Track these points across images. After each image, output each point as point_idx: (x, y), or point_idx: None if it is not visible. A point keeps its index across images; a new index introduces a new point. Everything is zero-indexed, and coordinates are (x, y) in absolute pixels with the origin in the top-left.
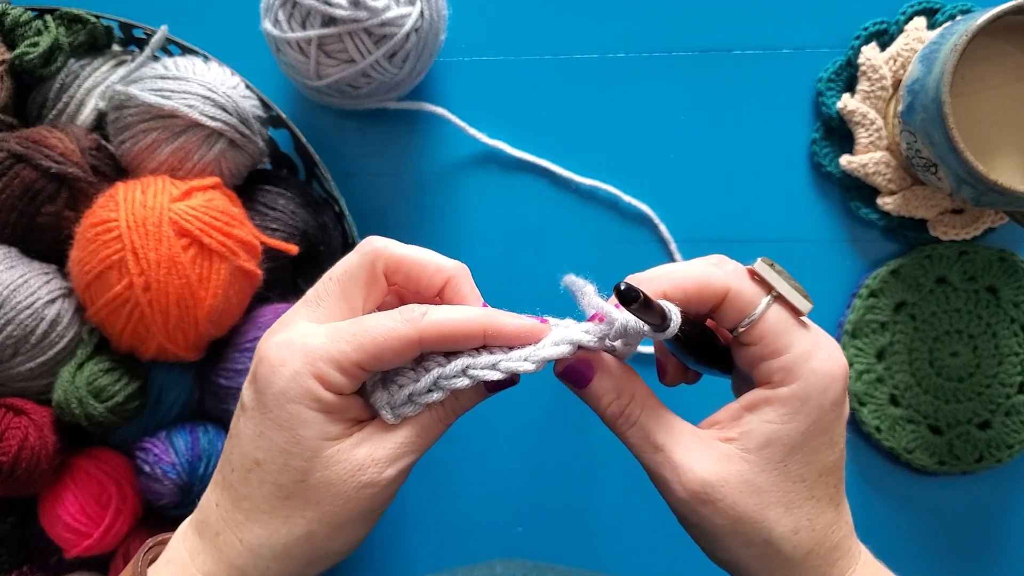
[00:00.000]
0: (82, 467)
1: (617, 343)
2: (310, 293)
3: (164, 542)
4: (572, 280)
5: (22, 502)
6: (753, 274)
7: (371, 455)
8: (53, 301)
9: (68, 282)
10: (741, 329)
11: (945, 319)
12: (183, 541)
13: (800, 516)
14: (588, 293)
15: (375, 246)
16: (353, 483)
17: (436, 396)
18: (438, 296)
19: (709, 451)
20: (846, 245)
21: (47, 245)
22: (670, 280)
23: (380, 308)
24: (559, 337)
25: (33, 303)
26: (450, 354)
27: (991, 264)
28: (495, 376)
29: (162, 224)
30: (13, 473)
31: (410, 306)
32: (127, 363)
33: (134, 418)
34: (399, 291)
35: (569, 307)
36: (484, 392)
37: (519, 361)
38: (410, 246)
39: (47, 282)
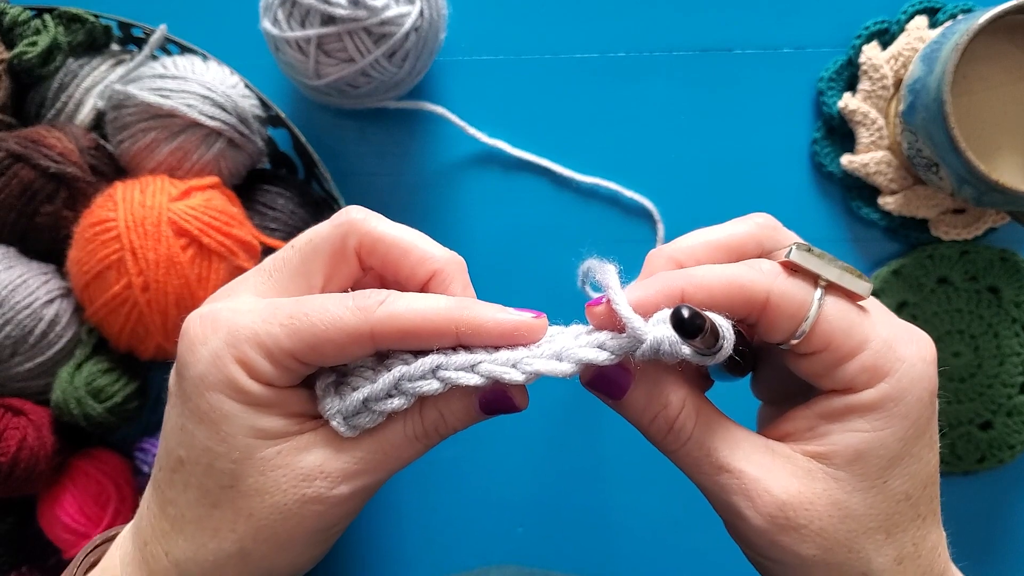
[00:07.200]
0: (81, 468)
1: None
2: (266, 260)
3: (112, 539)
4: (593, 266)
5: (21, 502)
6: (791, 267)
7: (320, 465)
8: (52, 301)
9: (67, 282)
10: (795, 341)
11: (946, 319)
12: (120, 547)
13: (905, 542)
14: (614, 287)
15: (351, 217)
16: (295, 496)
17: (398, 403)
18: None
19: (786, 467)
20: (847, 245)
21: (45, 245)
22: (693, 281)
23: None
24: (563, 350)
25: (32, 303)
26: (420, 352)
27: (992, 264)
28: (473, 380)
29: (161, 224)
30: (12, 473)
31: (368, 290)
32: (126, 363)
33: (133, 418)
34: (379, 277)
35: (575, 311)
36: (477, 413)
37: (504, 367)
38: (396, 224)
39: (46, 282)
